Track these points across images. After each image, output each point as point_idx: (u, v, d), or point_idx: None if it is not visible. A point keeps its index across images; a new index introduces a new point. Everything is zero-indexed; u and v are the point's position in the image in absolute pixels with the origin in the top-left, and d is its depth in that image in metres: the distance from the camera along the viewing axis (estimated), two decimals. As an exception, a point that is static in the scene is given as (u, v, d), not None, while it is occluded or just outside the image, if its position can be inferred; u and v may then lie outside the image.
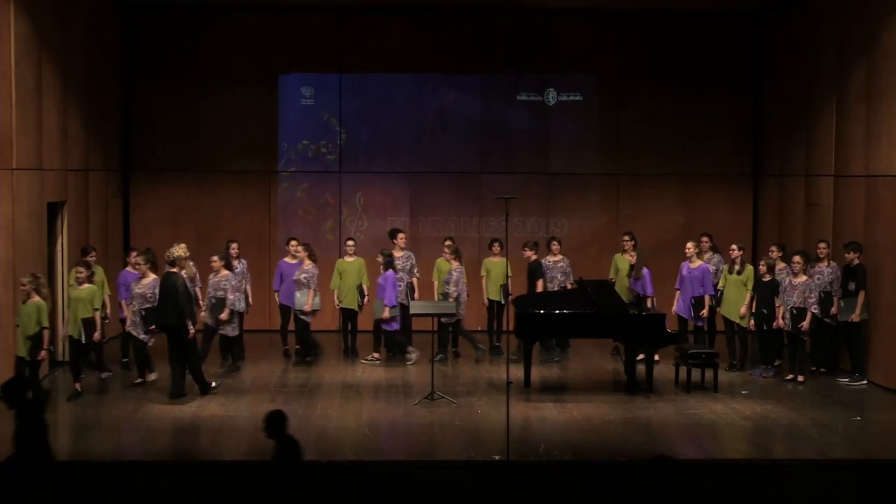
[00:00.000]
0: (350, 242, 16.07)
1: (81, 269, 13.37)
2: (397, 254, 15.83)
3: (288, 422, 8.58)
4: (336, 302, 15.86)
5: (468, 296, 15.86)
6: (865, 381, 14.24)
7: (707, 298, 15.08)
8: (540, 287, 15.55)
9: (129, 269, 14.74)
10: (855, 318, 14.15)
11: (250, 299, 15.60)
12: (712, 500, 10.21)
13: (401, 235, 15.97)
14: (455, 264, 15.57)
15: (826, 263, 14.62)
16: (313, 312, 15.39)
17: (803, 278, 14.26)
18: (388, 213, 18.44)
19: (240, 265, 15.33)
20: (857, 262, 14.18)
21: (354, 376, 14.71)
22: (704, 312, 15.09)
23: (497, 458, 10.72)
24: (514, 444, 10.87)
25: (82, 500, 9.64)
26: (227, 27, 18.38)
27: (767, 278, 14.72)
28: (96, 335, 13.20)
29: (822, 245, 14.74)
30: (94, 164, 16.57)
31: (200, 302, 14.57)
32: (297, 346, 15.55)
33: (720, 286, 15.36)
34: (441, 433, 11.85)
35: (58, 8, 14.93)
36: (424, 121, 18.62)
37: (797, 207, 17.01)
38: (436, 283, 15.86)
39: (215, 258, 14.61)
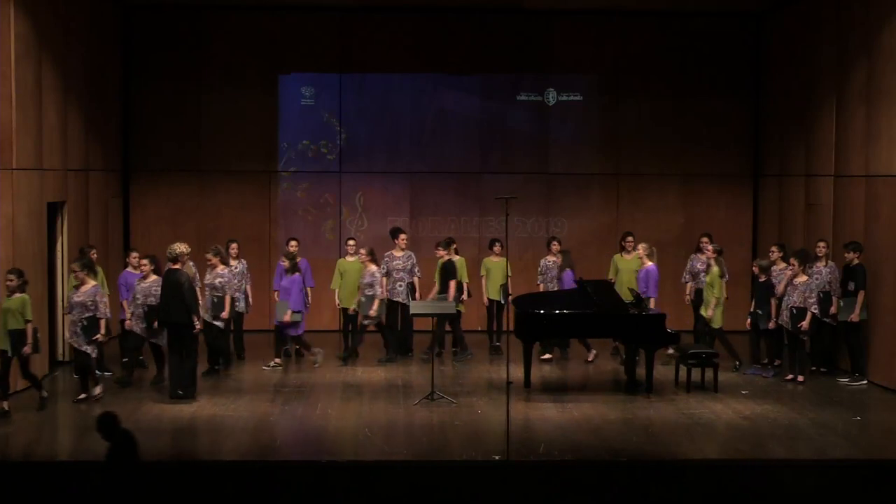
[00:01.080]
0: (351, 242, 16.08)
1: (12, 276, 12.30)
2: (398, 254, 15.83)
3: (119, 421, 8.66)
4: (336, 302, 15.86)
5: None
6: (865, 381, 14.24)
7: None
8: (453, 288, 15.33)
9: (129, 269, 14.76)
10: (854, 317, 14.15)
11: (250, 299, 15.61)
12: (712, 500, 10.23)
13: (402, 236, 15.96)
14: (372, 267, 15.39)
15: (825, 263, 14.63)
16: (228, 319, 14.65)
17: (803, 278, 14.25)
18: (388, 213, 18.44)
19: (240, 265, 15.33)
20: (856, 262, 14.18)
21: (354, 376, 14.71)
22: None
23: (497, 458, 10.72)
24: (514, 444, 10.87)
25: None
26: (228, 27, 18.37)
27: (762, 279, 14.72)
28: (26, 349, 12.35)
29: (822, 244, 14.74)
30: (94, 164, 16.57)
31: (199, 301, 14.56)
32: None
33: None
34: (441, 433, 11.85)
35: (58, 8, 14.93)
36: (424, 121, 18.62)
37: (797, 207, 17.01)
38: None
39: (210, 255, 14.65)
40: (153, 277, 13.74)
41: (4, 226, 13.15)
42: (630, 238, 16.22)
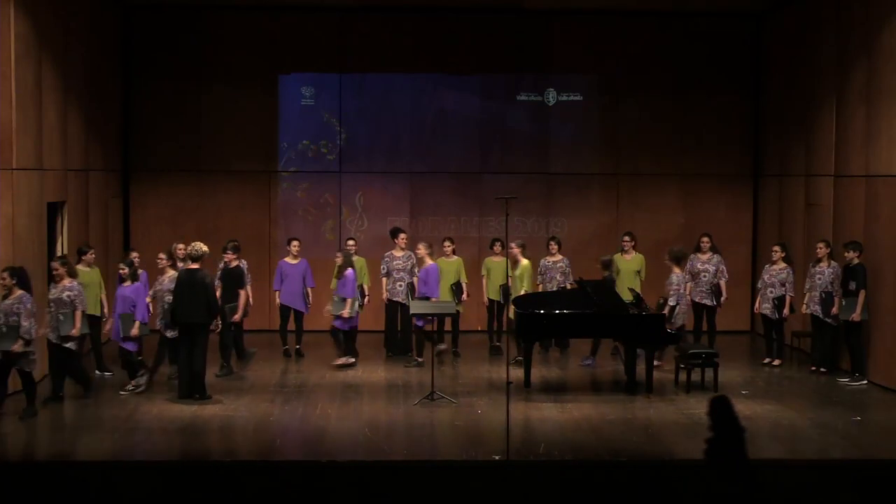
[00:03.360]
0: (350, 242, 16.08)
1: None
2: (398, 254, 15.85)
3: None
4: (336, 302, 15.86)
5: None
6: (865, 381, 14.24)
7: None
8: (243, 296, 14.79)
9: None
10: (855, 317, 14.15)
11: (251, 299, 15.60)
12: (712, 500, 10.22)
13: (402, 236, 15.97)
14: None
15: (826, 264, 14.64)
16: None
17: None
18: (388, 213, 18.43)
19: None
20: (856, 261, 14.18)
21: (354, 376, 14.71)
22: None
23: (497, 458, 10.72)
24: (514, 444, 10.87)
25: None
26: (228, 27, 18.38)
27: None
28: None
29: (822, 245, 14.75)
30: (94, 164, 16.56)
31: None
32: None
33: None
34: (441, 433, 11.85)
35: (58, 8, 14.93)
36: (424, 121, 18.62)
37: (797, 207, 17.00)
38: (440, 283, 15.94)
39: (162, 256, 14.06)
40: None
41: (4, 226, 13.15)
42: (627, 238, 16.24)
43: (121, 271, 13.86)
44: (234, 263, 14.78)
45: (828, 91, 15.90)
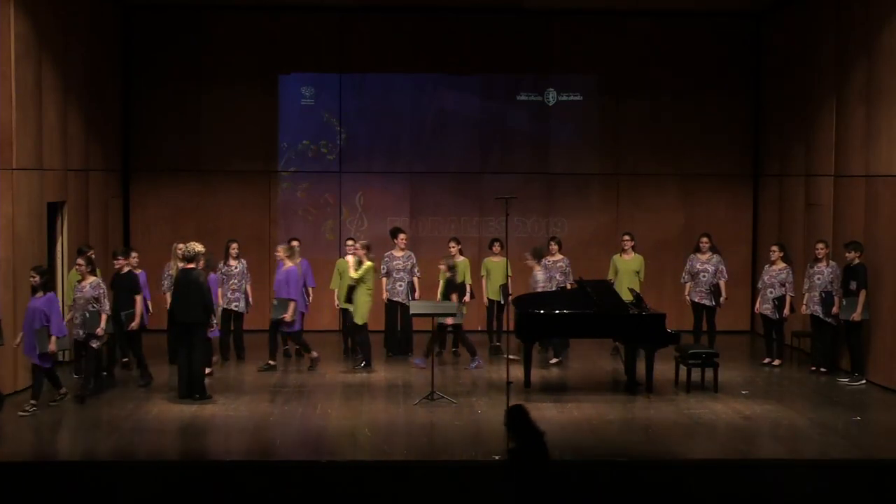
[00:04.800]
0: (350, 242, 16.06)
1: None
2: (398, 254, 15.84)
3: None
4: (336, 302, 15.85)
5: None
6: (864, 381, 14.24)
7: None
8: (139, 302, 14.12)
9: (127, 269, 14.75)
10: (856, 317, 14.14)
11: (250, 299, 15.61)
12: (711, 501, 10.22)
13: (402, 235, 15.97)
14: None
15: (826, 263, 14.64)
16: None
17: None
18: (388, 213, 18.43)
19: (240, 265, 15.33)
20: (857, 261, 14.18)
21: (354, 376, 14.71)
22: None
23: (497, 458, 10.71)
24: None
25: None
26: (228, 27, 18.37)
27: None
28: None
29: (821, 245, 14.76)
30: (94, 164, 16.56)
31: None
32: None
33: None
34: (441, 433, 11.85)
35: (58, 8, 14.92)
36: (424, 121, 18.62)
37: (797, 207, 17.00)
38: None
39: (81, 262, 13.25)
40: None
41: (4, 226, 13.15)
42: (627, 237, 16.25)
43: (32, 280, 12.51)
44: (126, 269, 14.07)
45: (828, 91, 15.90)
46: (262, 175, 18.49)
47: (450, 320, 14.73)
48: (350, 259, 15.01)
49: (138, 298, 14.04)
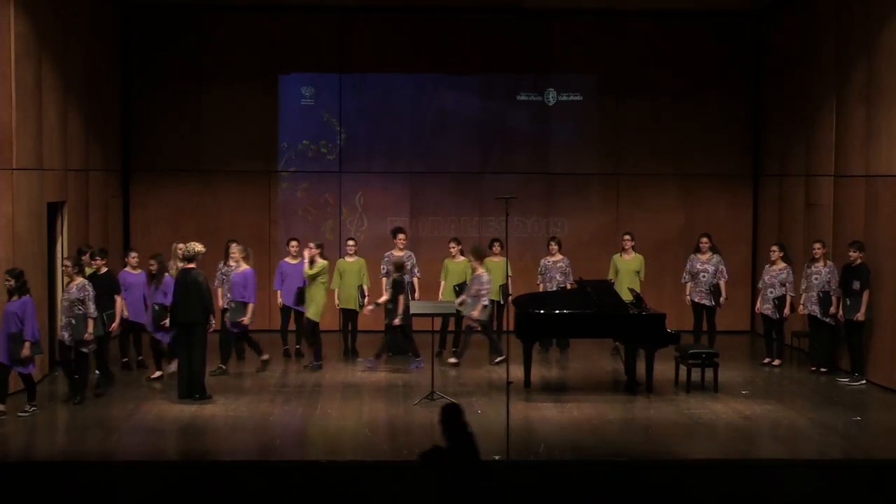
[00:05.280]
0: (351, 242, 16.09)
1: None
2: (397, 253, 15.84)
3: None
4: (336, 302, 15.86)
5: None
6: (864, 381, 14.24)
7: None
8: (119, 303, 14.00)
9: (127, 269, 14.76)
10: (859, 317, 14.14)
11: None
12: (711, 500, 10.22)
13: (401, 236, 15.98)
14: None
15: (823, 263, 14.65)
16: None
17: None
18: (388, 213, 18.43)
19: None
20: (860, 261, 14.18)
21: (354, 376, 14.71)
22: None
23: (497, 458, 10.71)
24: (514, 444, 10.87)
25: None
26: (228, 27, 18.38)
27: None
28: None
29: (818, 245, 14.78)
30: (94, 164, 16.56)
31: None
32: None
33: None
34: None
35: (58, 8, 14.92)
36: (424, 121, 18.62)
37: (797, 207, 17.00)
38: (442, 283, 15.92)
39: (67, 263, 13.11)
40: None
41: (4, 226, 13.15)
42: (627, 237, 16.27)
43: (7, 284, 12.16)
44: (104, 269, 13.88)
45: (828, 91, 15.90)
46: (262, 175, 18.49)
47: (397, 321, 14.77)
48: (307, 258, 14.97)
49: (118, 298, 13.89)
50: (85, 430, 11.85)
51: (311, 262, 14.90)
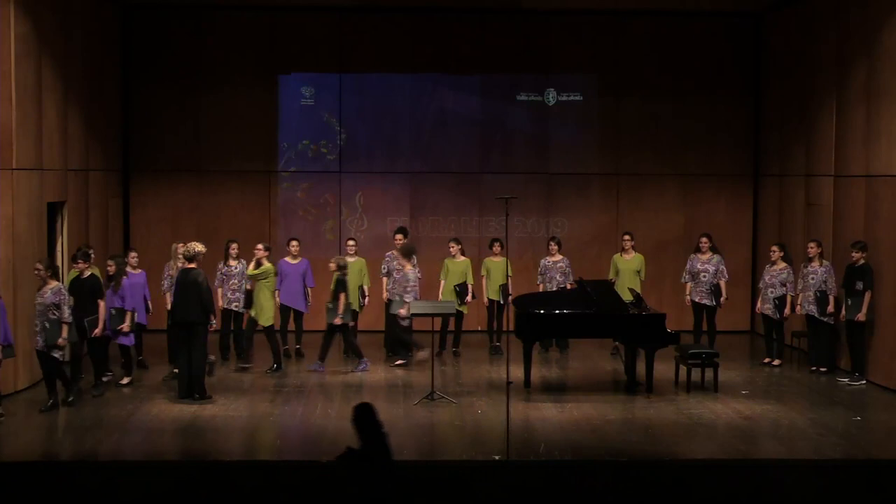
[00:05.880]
0: (351, 242, 16.09)
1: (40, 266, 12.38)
2: (397, 253, 15.85)
3: None
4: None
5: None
6: (864, 381, 14.24)
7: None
8: (102, 308, 13.35)
9: (127, 268, 14.73)
10: (861, 317, 14.14)
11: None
12: (711, 500, 10.22)
13: (398, 236, 15.97)
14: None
15: (819, 263, 14.66)
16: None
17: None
18: (388, 213, 18.44)
19: (239, 265, 15.32)
20: (862, 261, 14.19)
21: (354, 376, 14.71)
22: None
23: (497, 458, 10.72)
24: (514, 444, 10.87)
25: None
26: (227, 27, 18.38)
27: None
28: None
29: (812, 245, 14.82)
30: (94, 164, 16.56)
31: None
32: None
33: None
34: (441, 433, 11.85)
35: (58, 8, 14.92)
36: (424, 121, 18.62)
37: (797, 207, 17.00)
38: (443, 283, 15.92)
39: (40, 266, 12.69)
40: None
41: (4, 226, 13.15)
42: (627, 237, 16.27)
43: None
44: (88, 273, 13.34)
45: (828, 91, 15.89)
46: (262, 175, 18.49)
47: (338, 320, 14.72)
48: (255, 258, 14.92)
49: (101, 303, 13.29)
50: (85, 430, 11.84)
51: (258, 263, 14.87)
